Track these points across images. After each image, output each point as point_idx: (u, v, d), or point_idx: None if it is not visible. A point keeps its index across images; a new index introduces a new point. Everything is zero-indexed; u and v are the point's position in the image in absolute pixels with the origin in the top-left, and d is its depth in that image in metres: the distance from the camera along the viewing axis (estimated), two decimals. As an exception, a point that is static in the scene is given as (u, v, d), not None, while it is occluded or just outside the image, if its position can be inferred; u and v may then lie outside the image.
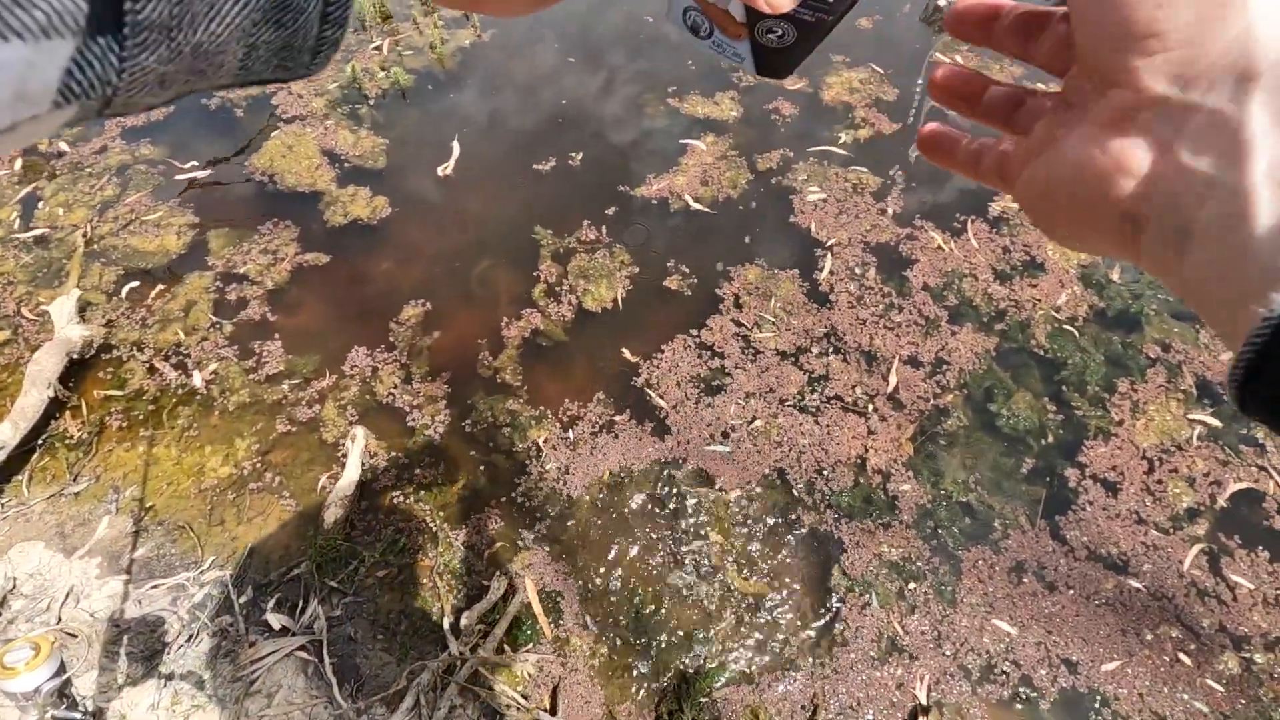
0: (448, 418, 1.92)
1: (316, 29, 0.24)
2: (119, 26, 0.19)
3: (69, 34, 0.18)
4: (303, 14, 0.23)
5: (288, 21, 0.23)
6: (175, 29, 0.20)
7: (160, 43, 0.20)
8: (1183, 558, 1.73)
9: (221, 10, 0.21)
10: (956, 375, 1.99)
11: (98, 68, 0.19)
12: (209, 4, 0.21)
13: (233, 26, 0.22)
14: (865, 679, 1.59)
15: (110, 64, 0.19)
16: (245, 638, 1.63)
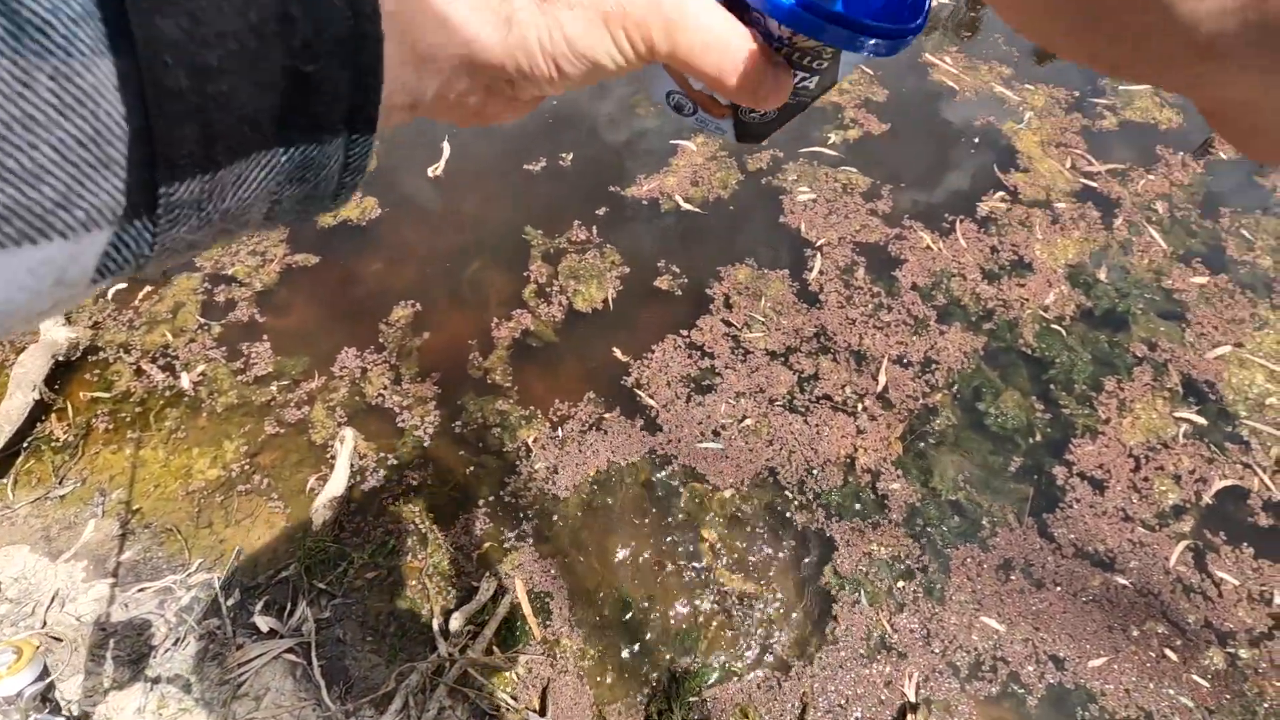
0: (437, 419, 1.92)
1: (337, 178, 0.25)
2: (153, 208, 0.20)
3: (106, 225, 0.19)
4: (324, 169, 0.24)
5: (310, 177, 0.24)
6: (205, 202, 0.21)
7: (190, 216, 0.21)
8: (1169, 554, 1.74)
9: (248, 178, 0.22)
10: (945, 374, 2.00)
11: (133, 247, 0.20)
12: (236, 174, 0.21)
13: (259, 190, 0.23)
14: (855, 677, 1.60)
15: (144, 240, 0.20)
16: (233, 640, 1.62)
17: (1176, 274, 2.22)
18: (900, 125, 2.57)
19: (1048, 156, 2.50)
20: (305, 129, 0.22)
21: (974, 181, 2.44)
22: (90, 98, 0.17)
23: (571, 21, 0.28)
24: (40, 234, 0.17)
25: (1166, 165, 2.50)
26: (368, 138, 0.24)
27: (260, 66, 0.20)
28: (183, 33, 0.18)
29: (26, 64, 0.16)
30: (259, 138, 0.21)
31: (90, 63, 0.17)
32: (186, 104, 0.19)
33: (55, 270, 0.18)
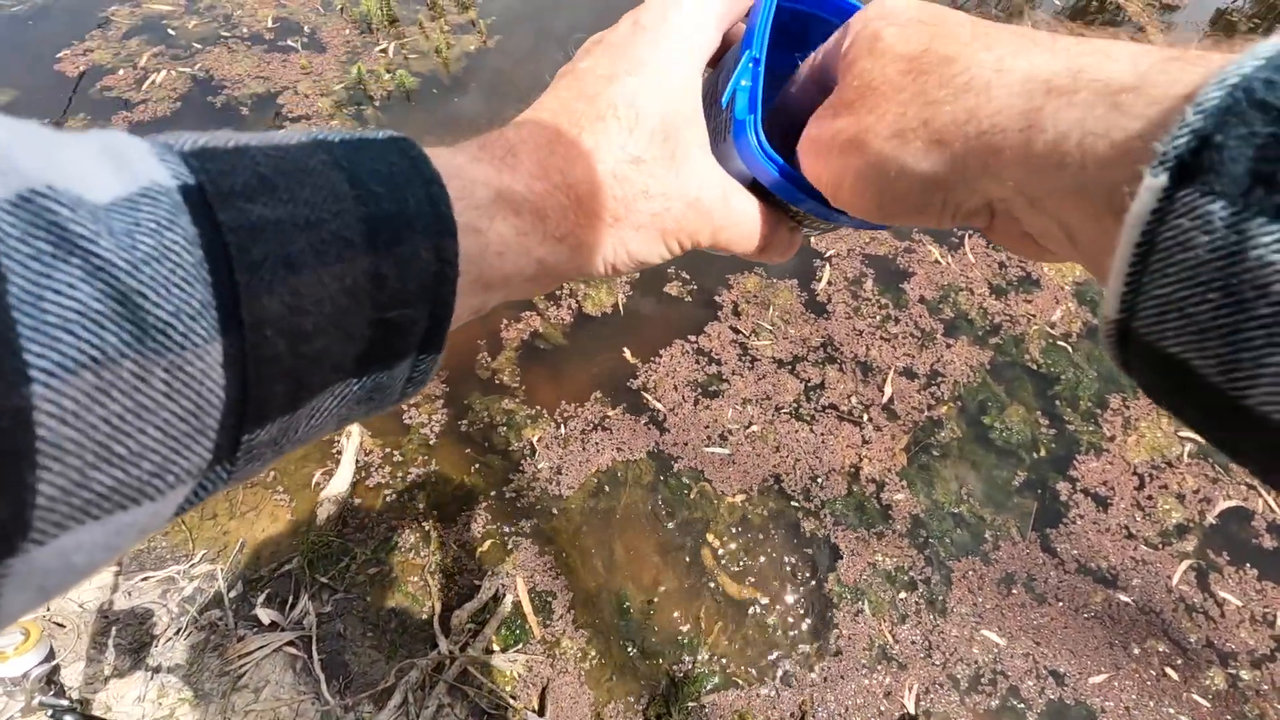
0: (444, 417, 1.92)
1: (400, 391, 0.26)
2: (234, 453, 0.20)
3: (191, 480, 0.19)
4: (390, 388, 0.26)
5: (377, 397, 0.25)
6: (281, 439, 0.22)
7: (267, 452, 0.22)
8: (1171, 573, 1.74)
9: (323, 409, 0.23)
10: (951, 387, 2.01)
11: (210, 488, 0.21)
12: (311, 409, 0.22)
13: (330, 417, 0.24)
14: (855, 687, 1.60)
15: (221, 481, 0.21)
16: (234, 632, 1.62)
17: (1183, 294, 2.22)
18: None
19: (1057, 175, 2.51)
20: (382, 360, 0.24)
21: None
22: (197, 380, 0.18)
23: (635, 239, 0.31)
24: (132, 501, 0.18)
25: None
26: (435, 356, 0.26)
27: (350, 321, 0.21)
28: (285, 307, 0.19)
29: (146, 362, 0.17)
30: (339, 376, 0.22)
31: (203, 350, 0.18)
32: (281, 365, 0.20)
33: (139, 529, 0.19)
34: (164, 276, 0.17)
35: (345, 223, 0.21)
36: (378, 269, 0.22)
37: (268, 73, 2.70)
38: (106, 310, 0.16)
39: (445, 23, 2.93)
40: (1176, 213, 0.17)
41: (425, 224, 0.23)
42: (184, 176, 0.19)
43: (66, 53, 2.73)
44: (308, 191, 0.21)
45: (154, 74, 2.66)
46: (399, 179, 0.23)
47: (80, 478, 0.16)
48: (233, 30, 2.86)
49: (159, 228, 0.18)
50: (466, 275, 0.26)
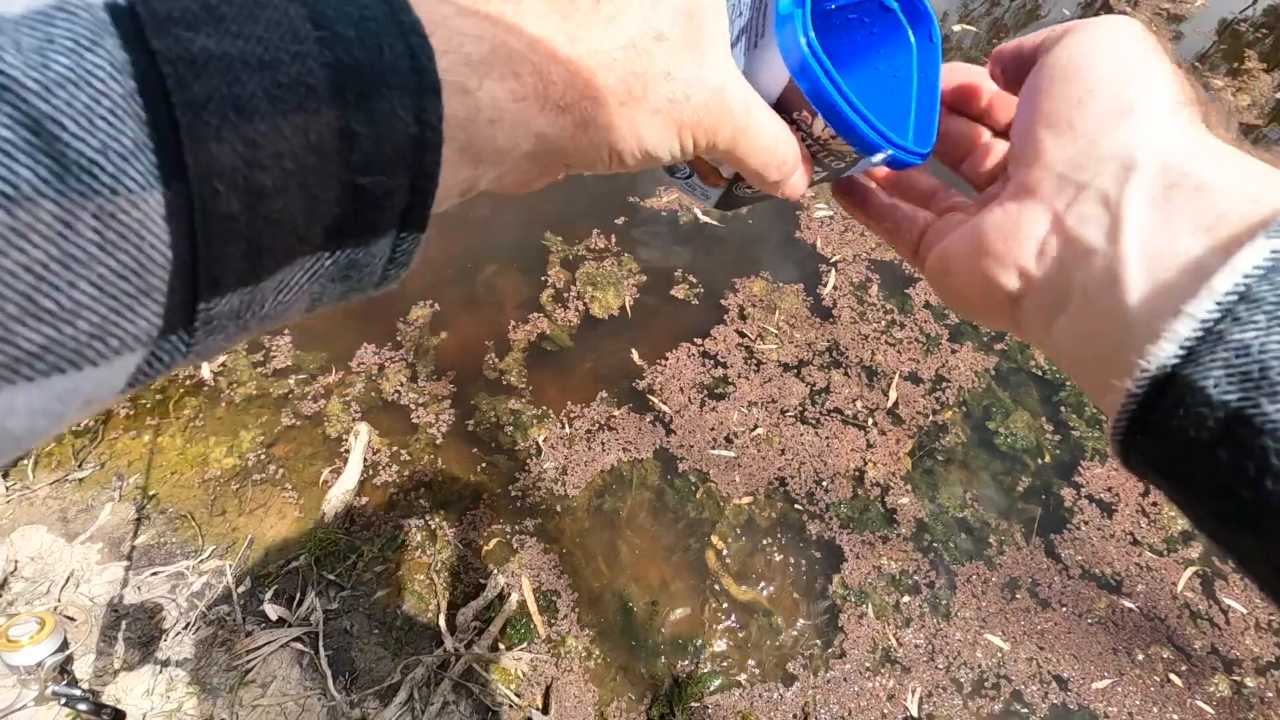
0: (451, 417, 1.94)
1: (380, 271, 0.24)
2: (190, 323, 0.19)
3: (141, 347, 0.18)
4: (369, 266, 0.23)
5: (354, 275, 0.23)
6: (244, 311, 0.20)
7: (228, 325, 0.20)
8: (1176, 580, 1.74)
9: (290, 283, 0.21)
10: (956, 393, 2.02)
11: (165, 360, 0.19)
12: (278, 282, 0.20)
13: (300, 293, 0.22)
14: (858, 689, 1.60)
15: (178, 353, 0.19)
16: (242, 627, 1.63)
17: (1189, 302, 2.23)
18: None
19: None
20: (355, 234, 0.21)
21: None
22: (134, 232, 0.16)
23: (648, 125, 0.28)
24: (72, 365, 0.16)
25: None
26: (417, 235, 0.24)
27: (316, 184, 0.19)
28: (238, 158, 0.17)
29: (70, 204, 0.15)
30: (307, 248, 0.20)
31: (138, 198, 0.16)
32: (236, 225, 0.18)
33: (84, 395, 0.17)
34: (84, 105, 0.15)
35: (307, 67, 0.19)
36: (347, 124, 0.19)
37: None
38: (16, 139, 0.14)
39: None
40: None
41: (402, 79, 0.20)
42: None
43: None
44: (261, 27, 0.18)
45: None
46: (371, 24, 0.20)
47: (3, 331, 0.15)
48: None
49: (78, 47, 0.15)
50: (453, 143, 0.22)
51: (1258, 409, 0.20)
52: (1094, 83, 0.28)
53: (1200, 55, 3.05)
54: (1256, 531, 0.21)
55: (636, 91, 0.27)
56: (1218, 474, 0.21)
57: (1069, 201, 0.27)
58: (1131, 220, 0.25)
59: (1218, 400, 0.21)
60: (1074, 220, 0.26)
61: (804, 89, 0.30)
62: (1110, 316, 0.24)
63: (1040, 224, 0.28)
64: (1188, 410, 0.21)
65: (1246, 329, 0.20)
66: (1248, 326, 0.20)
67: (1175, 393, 0.22)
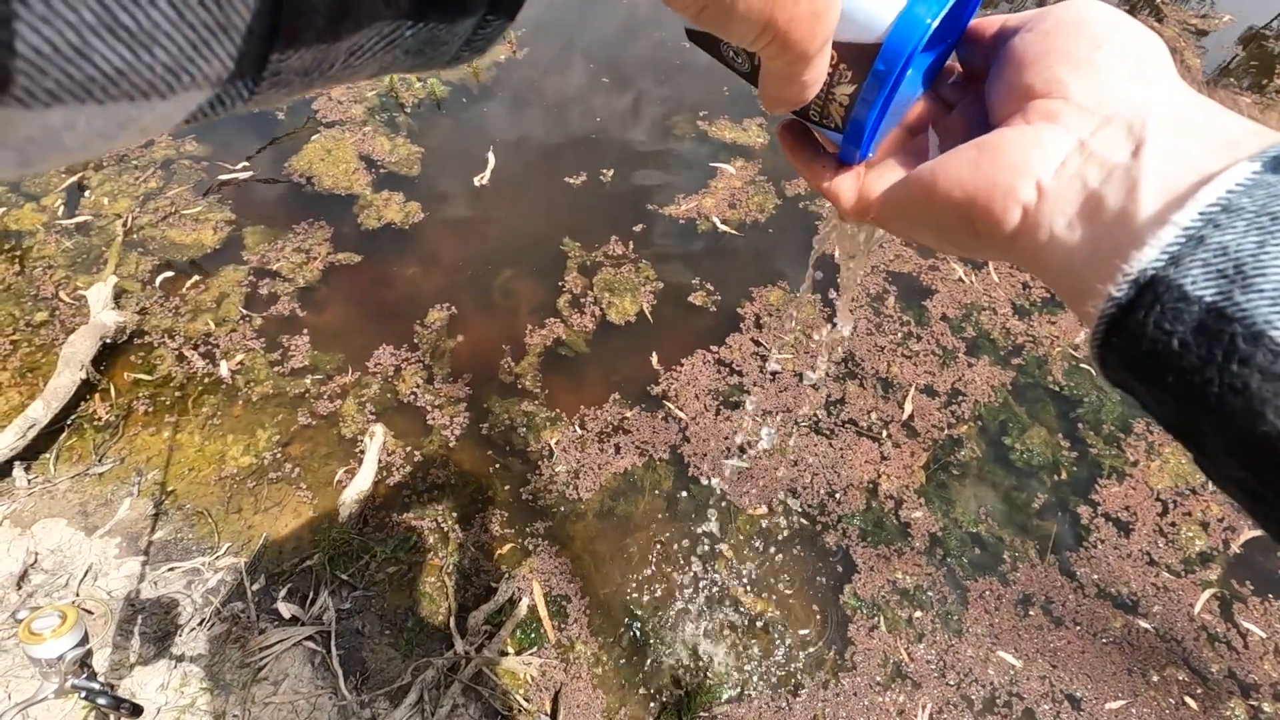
0: (466, 420, 1.95)
1: (455, 51, 0.24)
2: (260, 71, 0.18)
3: (209, 87, 0.17)
4: (447, 44, 0.23)
5: (429, 51, 0.22)
6: (313, 69, 0.20)
7: (294, 80, 0.19)
8: (1193, 601, 1.72)
9: (366, 48, 0.20)
10: (972, 407, 2.00)
11: (226, 104, 0.18)
12: (353, 43, 0.20)
13: (373, 60, 0.21)
14: (868, 704, 1.59)
15: (240, 99, 0.19)
16: (255, 625, 1.65)
17: (1211, 320, 2.21)
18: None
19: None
20: (445, 8, 0.21)
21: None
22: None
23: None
24: (142, 95, 0.16)
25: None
26: (504, 21, 0.23)
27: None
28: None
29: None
30: (393, 10, 0.19)
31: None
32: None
33: (141, 125, 0.17)
34: None
35: None
36: None
37: (304, 78, 2.76)
38: None
39: (477, 33, 2.98)
40: None
41: None
42: None
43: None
44: None
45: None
46: None
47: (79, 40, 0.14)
48: (271, 36, 2.92)
49: None
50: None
51: (1230, 300, 0.22)
52: (1102, 36, 0.30)
53: (1223, 68, 3.02)
54: (1217, 414, 0.22)
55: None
56: (1188, 363, 0.23)
57: (1093, 129, 0.28)
58: (1153, 142, 0.27)
59: (1194, 295, 0.23)
60: (1099, 143, 0.28)
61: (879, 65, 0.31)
62: (1116, 224, 0.26)
63: (1064, 144, 0.29)
64: (1164, 308, 0.23)
65: (1226, 233, 0.23)
66: (1227, 231, 0.23)
67: (1154, 292, 0.24)
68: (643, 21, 3.09)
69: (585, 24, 3.08)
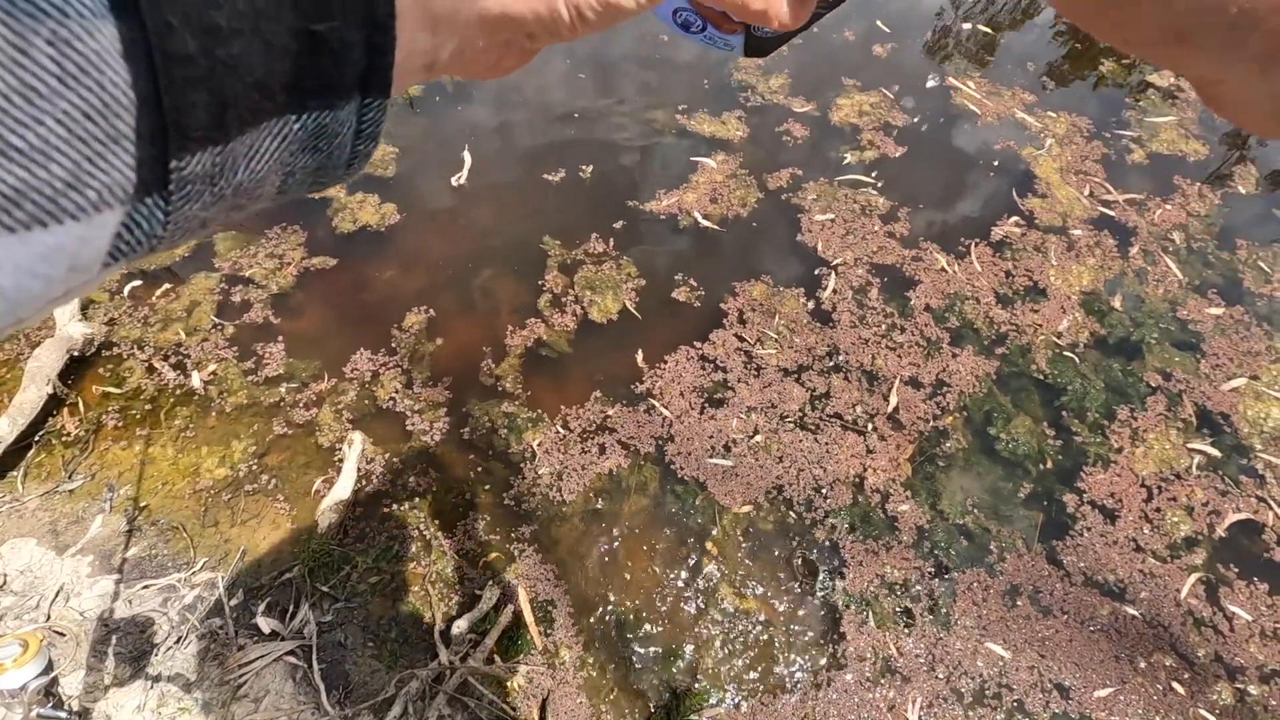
0: (446, 424, 1.92)
1: (350, 146, 0.24)
2: (164, 184, 0.19)
3: (118, 204, 0.18)
4: (338, 136, 0.23)
5: (324, 146, 0.23)
6: (218, 176, 0.20)
7: (203, 191, 0.20)
8: (1180, 586, 1.72)
9: (261, 149, 0.21)
10: (956, 397, 1.99)
11: (145, 226, 0.19)
12: (249, 145, 0.20)
13: (272, 161, 0.22)
14: (858, 700, 1.58)
15: (157, 219, 0.19)
16: (234, 641, 1.61)
17: (1192, 304, 2.21)
18: (921, 148, 2.58)
19: (1066, 184, 2.50)
20: (318, 93, 0.21)
21: (991, 205, 2.44)
22: (94, 65, 0.16)
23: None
24: (51, 217, 0.16)
25: (1184, 195, 2.49)
26: (381, 101, 0.23)
27: (271, 26, 0.19)
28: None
29: (20, 27, 0.15)
30: (271, 104, 0.20)
31: (91, 26, 0.16)
32: (195, 69, 0.18)
33: (68, 255, 0.17)
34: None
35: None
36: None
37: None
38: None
39: (450, 29, 2.93)
40: None
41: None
42: None
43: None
44: None
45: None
46: None
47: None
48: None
49: None
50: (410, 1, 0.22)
51: None
52: None
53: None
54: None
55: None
56: None
57: None
58: None
59: None
60: None
61: None
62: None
63: None
64: None
65: None
66: None
67: None
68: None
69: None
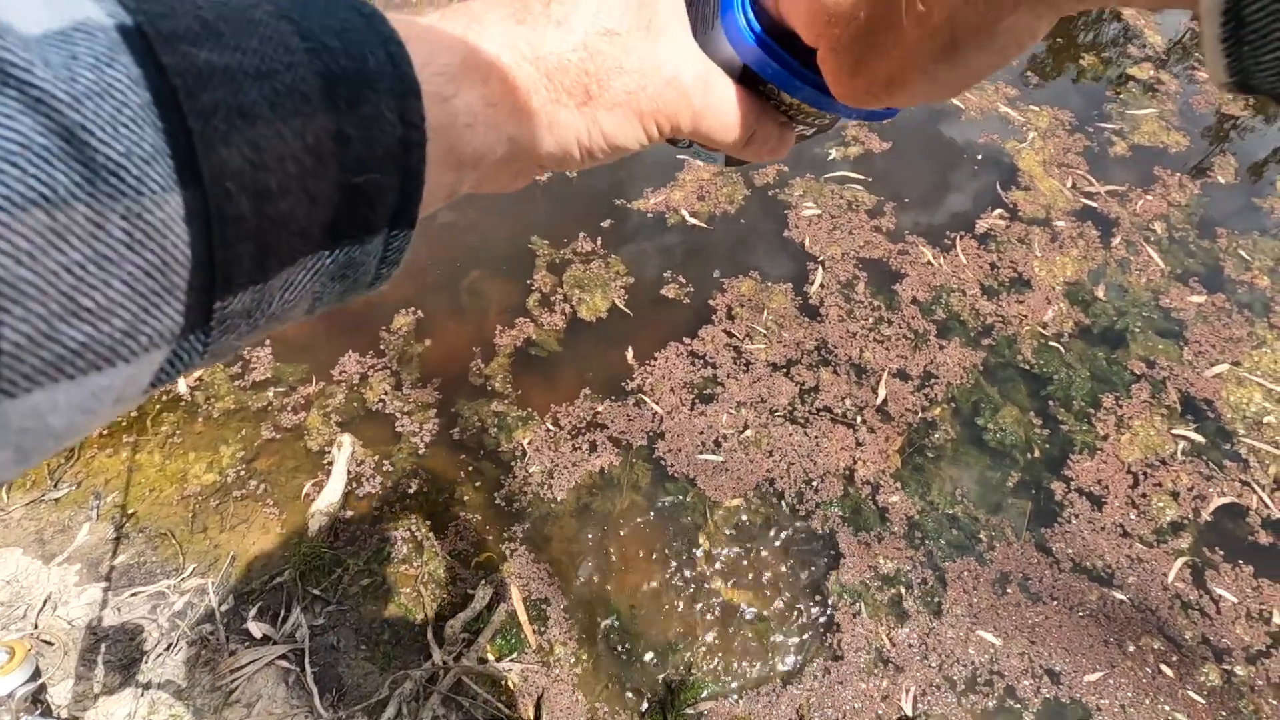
0: (436, 425, 1.91)
1: (374, 270, 0.26)
2: (207, 322, 0.20)
3: (165, 345, 0.19)
4: (365, 265, 0.25)
5: (350, 274, 0.25)
6: (254, 310, 0.22)
7: (240, 324, 0.21)
8: (1167, 571, 1.74)
9: (295, 282, 0.22)
10: (944, 389, 2.01)
11: (185, 359, 0.20)
12: (284, 281, 0.22)
13: (304, 291, 0.23)
14: (853, 691, 1.59)
15: (196, 352, 0.21)
16: (225, 646, 1.60)
17: (1174, 293, 2.24)
18: (906, 144, 2.60)
19: (1049, 176, 2.53)
20: (351, 233, 0.23)
21: (976, 199, 2.46)
22: (159, 231, 0.18)
23: (608, 120, 0.30)
24: (107, 362, 0.18)
25: (1164, 186, 2.52)
26: (407, 233, 0.25)
27: (316, 184, 0.21)
28: (245, 161, 0.19)
29: (101, 206, 0.16)
30: (309, 246, 0.22)
31: (161, 199, 0.17)
32: (246, 227, 0.19)
33: (115, 392, 0.19)
34: (110, 114, 0.16)
35: (300, 75, 0.20)
36: (340, 128, 0.21)
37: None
38: (52, 145, 0.15)
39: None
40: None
41: (388, 84, 0.22)
42: (120, 16, 0.18)
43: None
44: (255, 41, 0.20)
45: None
46: (354, 35, 0.22)
47: (48, 329, 0.16)
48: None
49: (98, 63, 0.17)
50: (436, 146, 0.24)
51: None
52: None
53: (1175, 42, 3.06)
54: None
55: (593, 89, 0.29)
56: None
57: None
58: None
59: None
60: None
61: (758, 72, 0.31)
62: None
63: None
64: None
65: None
66: None
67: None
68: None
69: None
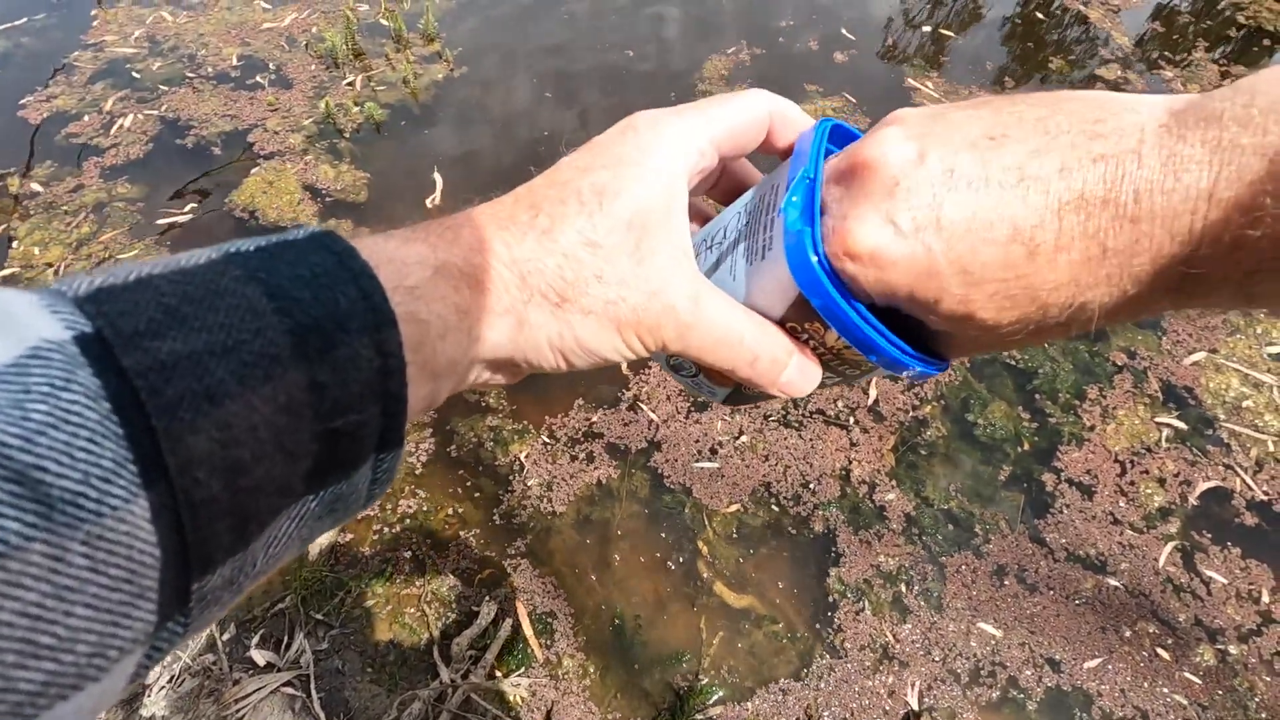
0: (432, 444, 1.92)
1: (366, 494, 0.25)
2: (185, 604, 0.19)
3: (139, 647, 0.18)
4: (353, 495, 0.24)
5: (340, 507, 0.24)
6: (237, 575, 0.20)
7: (223, 594, 0.20)
8: (1158, 555, 1.78)
9: (279, 537, 0.21)
10: (934, 387, 2.05)
11: (165, 648, 0.19)
12: (266, 539, 0.21)
13: (290, 540, 0.22)
14: (859, 689, 1.61)
15: (176, 635, 0.19)
16: (229, 676, 1.59)
17: (1149, 284, 2.29)
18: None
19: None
20: (335, 471, 0.22)
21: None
22: (124, 545, 0.17)
23: (583, 325, 0.29)
24: (74, 689, 0.16)
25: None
26: (396, 451, 0.25)
27: (291, 439, 0.20)
28: (213, 443, 0.18)
29: (59, 539, 0.15)
30: (289, 499, 0.21)
31: (124, 512, 0.16)
32: (219, 506, 0.18)
33: (88, 708, 0.17)
34: (64, 443, 0.16)
35: (269, 339, 0.20)
36: (314, 378, 0.20)
37: (235, 111, 2.70)
38: (2, 495, 0.15)
39: (411, 54, 2.95)
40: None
41: (360, 321, 0.22)
42: (79, 325, 0.18)
43: (30, 99, 2.71)
44: (221, 315, 0.19)
45: (121, 118, 2.64)
46: (325, 279, 0.22)
47: (3, 682, 0.14)
48: (197, 70, 2.85)
49: (52, 390, 0.16)
50: (412, 364, 0.24)
51: None
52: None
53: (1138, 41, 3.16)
54: None
55: (568, 294, 0.29)
56: None
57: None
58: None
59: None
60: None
61: (816, 306, 0.29)
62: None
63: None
64: None
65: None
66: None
67: None
68: (583, 32, 3.10)
69: (524, 38, 3.08)
